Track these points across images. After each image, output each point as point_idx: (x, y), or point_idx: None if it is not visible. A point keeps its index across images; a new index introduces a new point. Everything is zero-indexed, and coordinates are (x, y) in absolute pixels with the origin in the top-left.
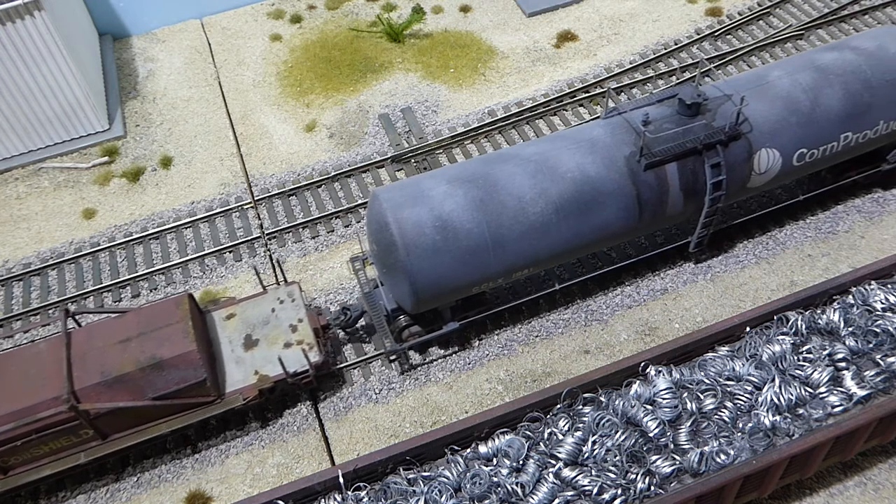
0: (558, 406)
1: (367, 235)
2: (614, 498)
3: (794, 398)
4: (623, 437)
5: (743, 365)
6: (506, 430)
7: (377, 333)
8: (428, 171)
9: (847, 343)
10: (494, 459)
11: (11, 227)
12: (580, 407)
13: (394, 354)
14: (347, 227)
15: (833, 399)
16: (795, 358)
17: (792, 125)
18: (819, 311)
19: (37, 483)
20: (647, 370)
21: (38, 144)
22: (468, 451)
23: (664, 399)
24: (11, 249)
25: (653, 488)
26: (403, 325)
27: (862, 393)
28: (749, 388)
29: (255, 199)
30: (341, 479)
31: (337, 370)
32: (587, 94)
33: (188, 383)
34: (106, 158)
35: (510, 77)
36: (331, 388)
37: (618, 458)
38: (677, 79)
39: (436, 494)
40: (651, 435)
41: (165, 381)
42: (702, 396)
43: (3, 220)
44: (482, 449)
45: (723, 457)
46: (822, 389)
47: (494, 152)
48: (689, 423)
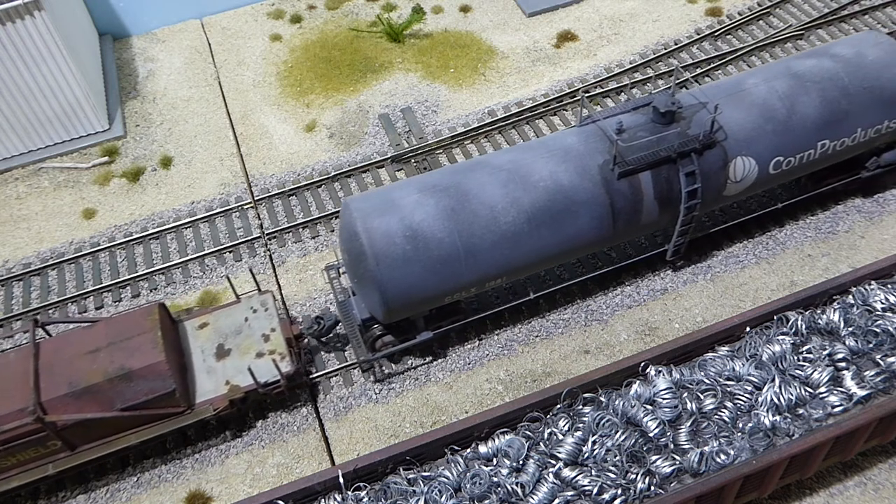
0: (558, 406)
1: (339, 244)
2: (614, 498)
3: (794, 398)
4: (623, 437)
5: (743, 365)
6: (506, 430)
7: (351, 343)
8: (400, 180)
9: (847, 343)
10: (494, 459)
11: (11, 227)
12: (580, 407)
13: (367, 364)
14: None
15: (833, 399)
16: (795, 358)
17: (768, 133)
18: (819, 311)
19: (4, 495)
20: (647, 370)
21: (38, 144)
22: (468, 451)
23: (664, 399)
24: (11, 249)
25: (653, 488)
26: (377, 334)
27: (862, 393)
28: (749, 388)
29: (255, 199)
30: (341, 479)
31: (310, 380)
32: (587, 94)
33: (157, 394)
34: (106, 158)
35: (510, 77)
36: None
37: (618, 458)
38: (677, 79)
39: (436, 494)
40: (651, 435)
41: (134, 392)
42: (702, 396)
43: (3, 220)
44: (482, 449)
45: (723, 457)
46: (822, 389)
47: (467, 161)
48: (689, 423)
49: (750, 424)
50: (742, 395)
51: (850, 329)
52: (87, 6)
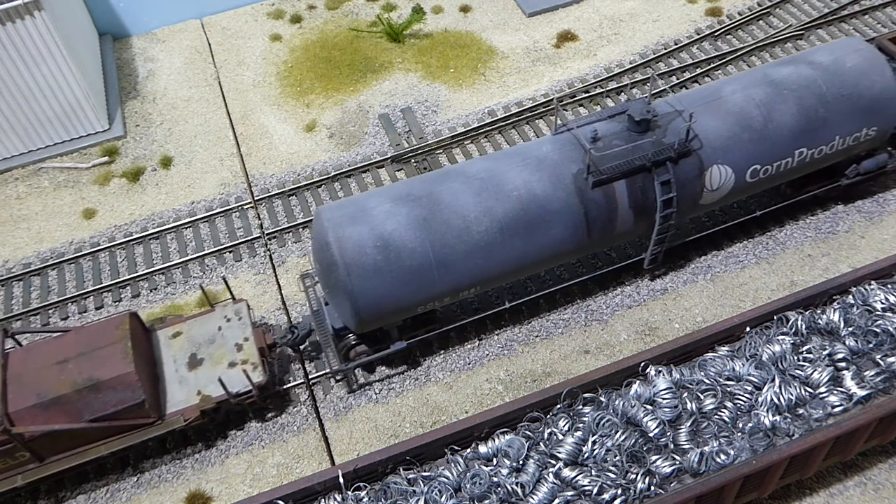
0: (558, 406)
1: (312, 254)
2: (614, 498)
3: (794, 398)
4: (623, 437)
5: (743, 365)
6: (506, 430)
7: (325, 352)
8: (374, 189)
9: (847, 343)
10: (494, 459)
11: (11, 227)
12: (580, 407)
13: (340, 374)
14: None
15: (833, 399)
16: (795, 358)
17: (744, 141)
18: (819, 311)
19: None
20: (647, 370)
21: (38, 144)
22: (468, 451)
23: (664, 399)
24: (11, 249)
25: (653, 488)
26: (350, 344)
27: (862, 393)
28: (749, 388)
29: (255, 199)
30: (341, 479)
31: (283, 390)
32: (587, 94)
33: (126, 405)
34: (106, 158)
35: (510, 77)
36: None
37: (618, 458)
38: (677, 79)
39: (436, 494)
40: (651, 435)
41: (103, 403)
42: (702, 396)
43: (3, 220)
44: (482, 449)
45: (723, 457)
46: (822, 389)
47: (441, 169)
48: (689, 423)
49: (750, 424)
50: (742, 395)
51: (850, 329)
52: (87, 6)
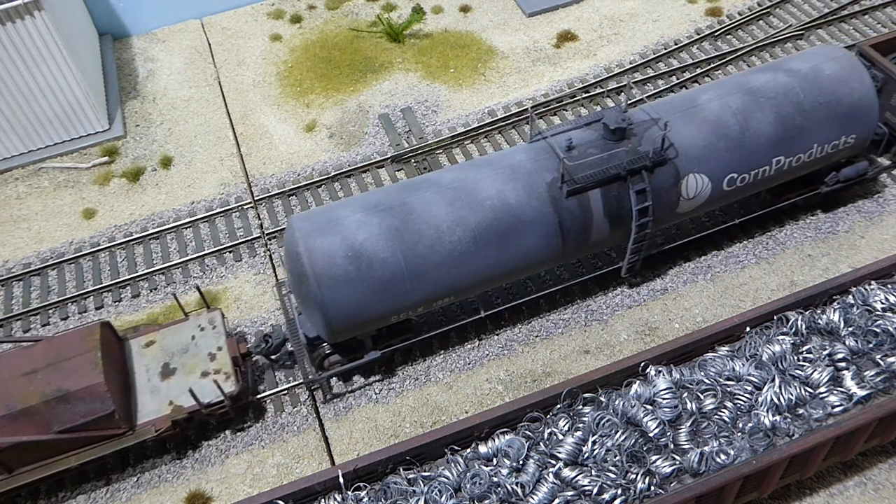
0: (558, 406)
1: (284, 264)
2: (614, 498)
3: (794, 398)
4: (623, 437)
5: (743, 365)
6: (506, 430)
7: (299, 361)
8: (346, 198)
9: (847, 343)
10: (494, 459)
11: (11, 227)
12: (580, 407)
13: (314, 384)
14: None
15: (833, 399)
16: (795, 358)
17: (721, 150)
18: (819, 311)
19: None
20: (647, 370)
21: (38, 144)
22: (468, 451)
23: (664, 399)
24: (11, 249)
25: (653, 488)
26: (324, 353)
27: (862, 393)
28: (749, 388)
29: (255, 199)
30: (341, 479)
31: (257, 400)
32: (587, 94)
33: (95, 416)
34: (106, 158)
35: (510, 77)
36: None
37: (618, 458)
38: (677, 79)
39: (436, 494)
40: (651, 435)
41: (72, 414)
42: (702, 396)
43: (3, 220)
44: (482, 449)
45: (723, 457)
46: (822, 389)
47: (415, 178)
48: (689, 423)
49: (750, 424)
50: (742, 395)
51: (850, 329)
52: (87, 6)
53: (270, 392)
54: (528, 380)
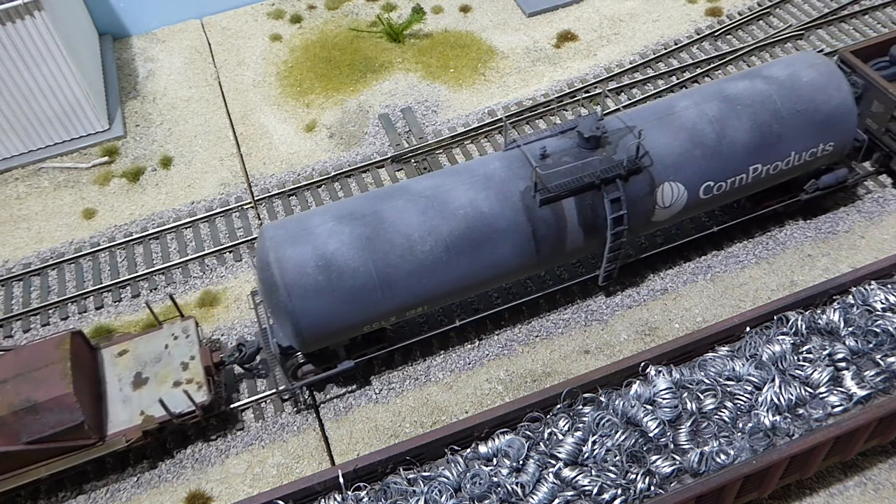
0: (558, 406)
1: (256, 273)
2: (614, 498)
3: (794, 398)
4: (623, 437)
5: (743, 365)
6: (506, 430)
7: (273, 371)
8: (319, 206)
9: (847, 343)
10: (494, 459)
11: (11, 227)
12: (580, 407)
13: (287, 393)
14: None
15: (833, 399)
16: (795, 358)
17: (697, 158)
18: (819, 311)
19: None
20: (647, 370)
21: (38, 144)
22: (468, 451)
23: (664, 399)
24: (11, 249)
25: (653, 488)
26: (298, 363)
27: (862, 393)
28: (749, 388)
29: (255, 199)
30: (341, 479)
31: (230, 410)
32: (587, 95)
33: (64, 427)
34: (106, 158)
35: (510, 77)
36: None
37: (618, 458)
38: (677, 79)
39: (436, 494)
40: (651, 435)
41: (41, 425)
42: (702, 396)
43: (3, 220)
44: (482, 449)
45: (723, 457)
46: (822, 389)
47: (388, 186)
48: (689, 423)
49: (750, 424)
50: (742, 395)
51: (850, 329)
52: (87, 6)
53: (244, 402)
54: (528, 380)
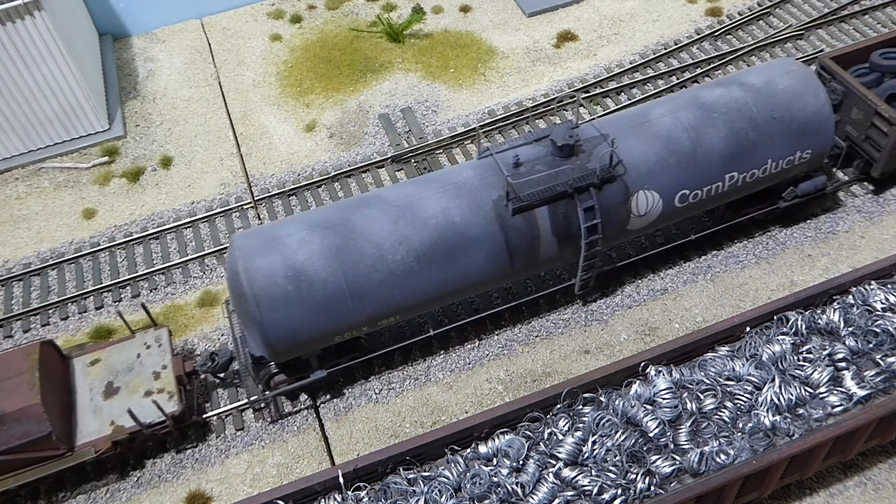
0: (558, 406)
1: (227, 283)
2: (614, 498)
3: (794, 398)
4: (623, 437)
5: (743, 365)
6: (506, 430)
7: (244, 381)
8: (291, 215)
9: (847, 343)
10: (494, 459)
11: (11, 227)
12: (580, 407)
13: (259, 403)
14: None
15: (833, 399)
16: (795, 358)
17: (672, 166)
18: (819, 311)
19: None
20: (647, 370)
21: (38, 144)
22: (468, 451)
23: (664, 399)
24: (11, 249)
25: (653, 488)
26: (271, 372)
27: (862, 393)
28: (749, 388)
29: (255, 199)
30: (341, 479)
31: (203, 419)
32: (587, 95)
33: (32, 438)
34: (106, 158)
35: (510, 77)
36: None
37: (618, 458)
38: (677, 79)
39: (436, 494)
40: (651, 435)
41: (7, 436)
42: (702, 396)
43: (3, 220)
44: (482, 449)
45: (723, 457)
46: (822, 389)
47: (361, 195)
48: (689, 423)
49: (750, 424)
50: (742, 395)
51: (850, 329)
52: (87, 6)
53: (217, 411)
54: (528, 380)
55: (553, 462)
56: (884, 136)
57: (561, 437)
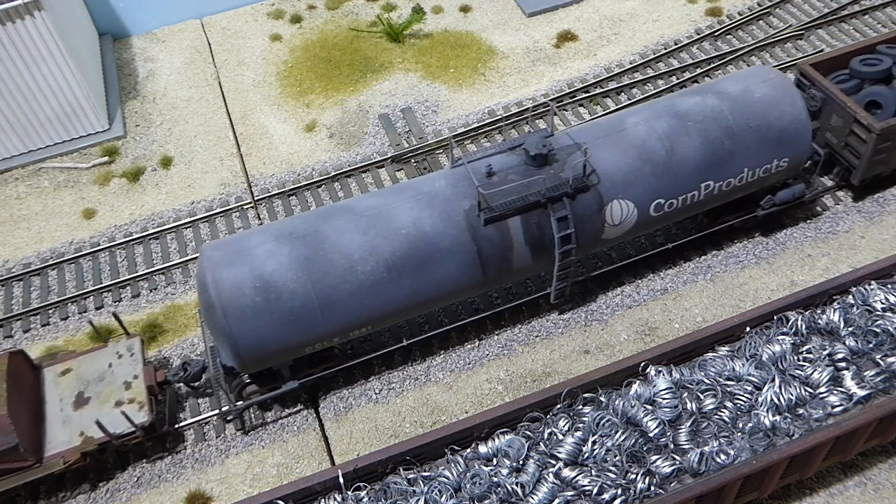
0: (558, 406)
1: (197, 293)
2: (614, 498)
3: (794, 398)
4: (623, 437)
5: (743, 365)
6: (506, 430)
7: (215, 391)
8: (261, 226)
9: (847, 343)
10: (494, 459)
11: (11, 227)
12: (580, 407)
13: (231, 414)
14: None
15: (833, 399)
16: (795, 358)
17: (646, 175)
18: (819, 311)
19: None
20: (647, 370)
21: (38, 144)
22: (468, 451)
23: (664, 399)
24: (11, 249)
25: (653, 488)
26: (243, 382)
27: (862, 393)
28: (749, 388)
29: (255, 199)
30: (341, 479)
31: (174, 430)
32: (587, 94)
33: None
34: (106, 158)
35: (510, 77)
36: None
37: (618, 458)
38: (677, 79)
39: (436, 494)
40: (651, 435)
41: None
42: (702, 396)
43: (3, 220)
44: (482, 449)
45: (723, 457)
46: (822, 389)
47: (331, 205)
48: (689, 423)
49: (750, 424)
50: (742, 395)
51: (850, 329)
52: (87, 6)
53: (189, 421)
54: (528, 380)
55: (553, 462)
56: (862, 144)
57: (561, 437)
